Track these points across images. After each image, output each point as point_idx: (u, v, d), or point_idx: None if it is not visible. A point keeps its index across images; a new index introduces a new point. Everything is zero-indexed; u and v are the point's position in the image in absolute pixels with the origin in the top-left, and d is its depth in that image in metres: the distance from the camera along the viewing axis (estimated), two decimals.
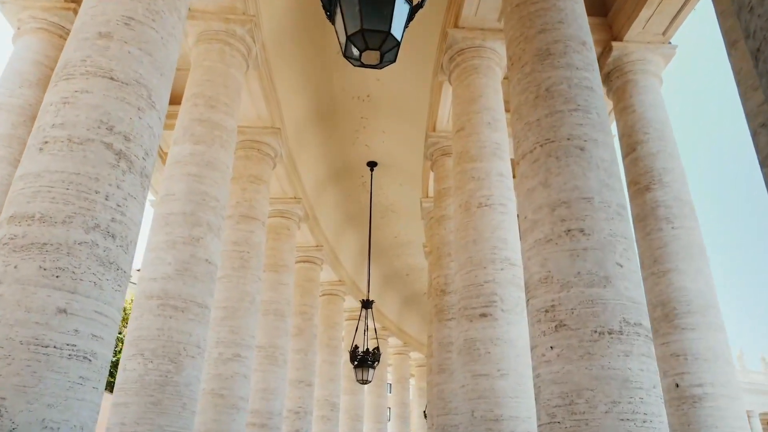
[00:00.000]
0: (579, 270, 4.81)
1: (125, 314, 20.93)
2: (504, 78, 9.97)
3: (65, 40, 9.39)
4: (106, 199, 4.63)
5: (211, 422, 9.76)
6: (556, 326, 4.72)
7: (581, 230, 4.96)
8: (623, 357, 4.46)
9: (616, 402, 4.31)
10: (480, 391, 7.32)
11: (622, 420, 4.25)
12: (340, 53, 3.12)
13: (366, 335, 15.69)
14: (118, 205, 4.70)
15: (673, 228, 8.54)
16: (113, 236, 4.61)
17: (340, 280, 21.07)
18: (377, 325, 19.48)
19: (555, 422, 4.47)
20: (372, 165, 17.45)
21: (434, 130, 12.54)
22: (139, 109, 5.10)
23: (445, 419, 10.06)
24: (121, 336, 18.36)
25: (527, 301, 5.14)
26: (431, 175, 13.94)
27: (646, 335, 4.65)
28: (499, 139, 9.08)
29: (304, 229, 16.90)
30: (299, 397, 16.04)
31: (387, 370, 28.65)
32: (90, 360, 4.23)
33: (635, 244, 5.19)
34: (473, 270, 8.06)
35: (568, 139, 5.39)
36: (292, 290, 15.03)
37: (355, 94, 14.89)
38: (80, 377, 4.14)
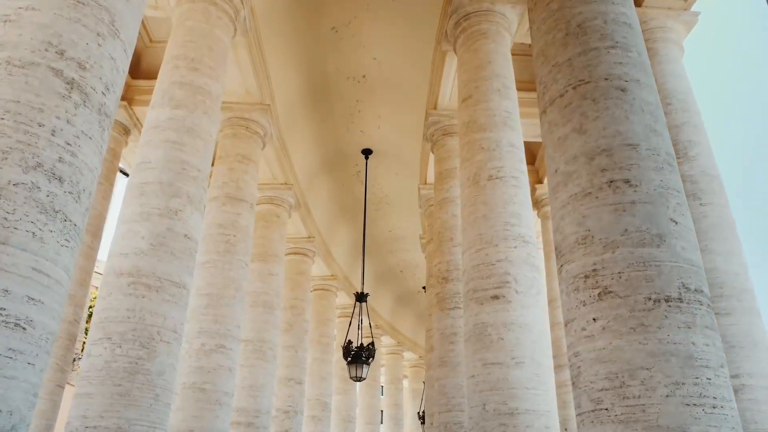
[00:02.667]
0: (626, 227, 4.00)
1: None
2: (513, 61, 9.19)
3: None
4: (53, 135, 3.77)
5: (192, 419, 8.87)
6: (599, 294, 3.91)
7: (626, 181, 4.15)
8: (685, 329, 3.65)
9: (679, 383, 3.50)
10: (492, 381, 6.50)
11: (688, 405, 3.44)
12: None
13: (360, 330, 14.83)
14: (68, 144, 3.84)
15: (701, 204, 7.76)
16: (60, 180, 3.75)
17: (332, 275, 20.19)
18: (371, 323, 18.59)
19: (601, 409, 3.65)
20: (367, 153, 16.62)
21: (435, 108, 11.73)
22: (98, 35, 4.24)
23: (447, 416, 9.22)
24: None
25: (560, 267, 4.32)
26: (431, 158, 13.13)
27: (708, 305, 3.84)
28: (509, 107, 8.29)
29: (295, 218, 16.02)
30: (289, 395, 15.14)
31: (380, 371, 27.76)
32: (24, 328, 3.37)
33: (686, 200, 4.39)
34: (483, 248, 7.24)
35: (606, 79, 4.59)
36: (282, 282, 14.15)
37: (351, 74, 14.06)
38: (9, 349, 3.28)
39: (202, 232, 10.67)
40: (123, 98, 11.68)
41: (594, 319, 3.86)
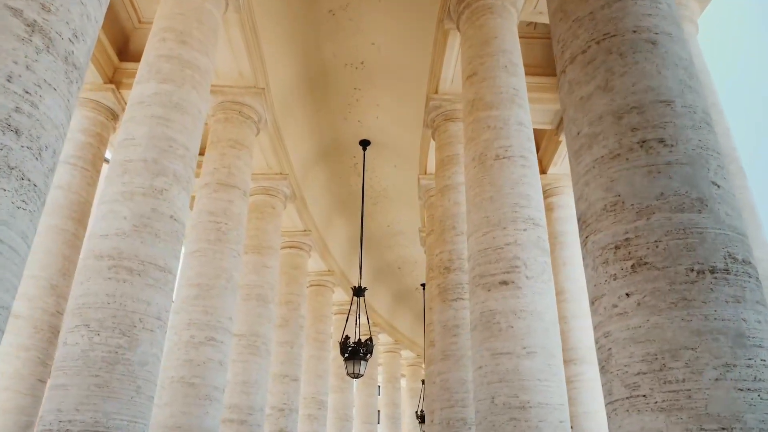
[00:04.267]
0: (662, 191, 3.53)
1: None
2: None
3: None
4: (8, 81, 3.28)
5: (180, 415, 8.38)
6: (633, 266, 3.44)
7: (661, 140, 3.68)
8: (734, 304, 3.18)
9: (729, 365, 3.03)
10: (501, 373, 6.02)
11: (741, 390, 2.97)
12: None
13: (358, 325, 14.33)
14: (27, 92, 3.36)
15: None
16: (16, 132, 3.26)
17: (329, 270, 19.69)
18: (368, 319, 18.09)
19: (637, 396, 3.18)
20: (365, 144, 16.12)
21: (436, 92, 11.26)
22: None
23: (450, 412, 8.74)
24: None
25: (585, 238, 3.85)
26: (431, 147, 12.66)
27: (757, 278, 3.38)
28: (517, 84, 7.82)
29: (290, 210, 15.53)
30: (284, 392, 14.64)
31: (377, 370, 27.26)
32: None
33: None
34: (490, 231, 6.77)
35: (634, 31, 4.13)
36: (276, 275, 13.65)
37: (348, 60, 13.58)
38: None
39: (192, 220, 10.20)
40: (110, 81, 11.20)
41: (627, 294, 3.39)
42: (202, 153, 11.18)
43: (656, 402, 3.09)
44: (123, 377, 5.68)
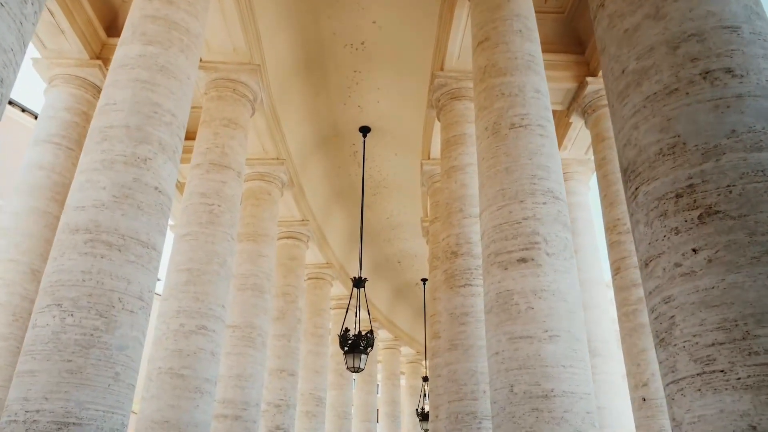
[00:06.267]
0: (733, 127, 2.94)
1: None
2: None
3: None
4: None
5: (168, 408, 7.77)
6: (700, 216, 2.84)
7: (728, 71, 3.09)
8: None
9: None
10: (521, 358, 5.43)
11: None
12: None
13: (358, 317, 13.71)
14: None
15: None
16: None
17: (327, 263, 19.08)
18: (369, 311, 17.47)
19: (713, 372, 2.58)
20: (365, 131, 15.49)
21: (442, 69, 10.65)
22: None
23: (458, 406, 8.14)
24: None
25: (635, 190, 3.25)
26: (436, 128, 12.07)
27: None
28: (533, 50, 7.23)
29: (288, 199, 14.91)
30: (280, 388, 14.02)
31: (377, 367, 26.65)
32: None
33: None
34: (507, 205, 6.18)
35: None
36: (273, 264, 13.03)
37: (348, 40, 12.95)
38: None
39: (183, 202, 9.59)
40: (97, 57, 10.58)
41: (694, 251, 2.80)
42: (193, 137, 10.55)
43: (739, 378, 2.50)
44: (99, 362, 5.07)
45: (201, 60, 10.50)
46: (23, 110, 17.81)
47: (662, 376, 2.93)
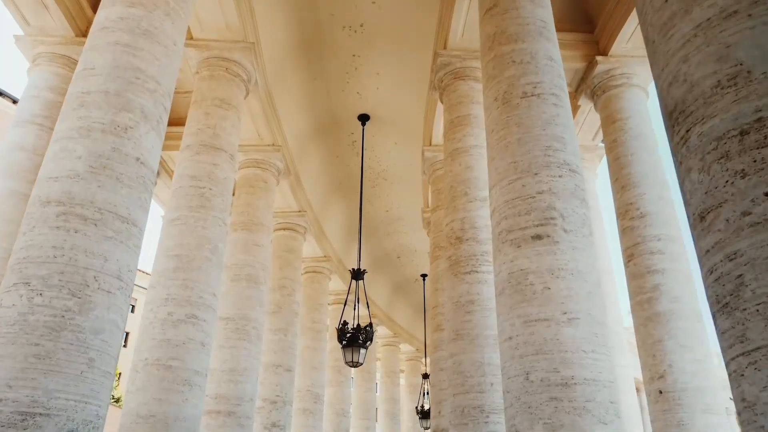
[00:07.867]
0: None
1: None
2: None
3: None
4: None
5: (154, 402, 7.27)
6: None
7: None
8: None
9: None
10: (538, 343, 4.93)
11: None
12: None
13: (357, 311, 13.21)
14: None
15: None
16: None
17: (325, 256, 18.57)
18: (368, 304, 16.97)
19: None
20: (364, 119, 14.97)
21: (445, 47, 10.16)
22: None
23: (464, 399, 7.64)
24: None
25: (685, 133, 2.75)
26: (438, 111, 11.58)
27: None
28: (545, 16, 6.74)
29: (284, 188, 14.40)
30: (276, 384, 13.50)
31: (375, 364, 26.14)
32: None
33: None
34: (520, 178, 5.68)
35: None
36: (268, 255, 12.54)
37: (347, 22, 12.44)
38: None
39: (173, 185, 9.09)
40: (83, 34, 10.05)
41: (766, 195, 2.30)
42: (182, 123, 10.04)
43: None
44: (70, 347, 4.57)
45: (192, 38, 10.01)
46: (1, 94, 17.25)
47: (724, 350, 2.44)
